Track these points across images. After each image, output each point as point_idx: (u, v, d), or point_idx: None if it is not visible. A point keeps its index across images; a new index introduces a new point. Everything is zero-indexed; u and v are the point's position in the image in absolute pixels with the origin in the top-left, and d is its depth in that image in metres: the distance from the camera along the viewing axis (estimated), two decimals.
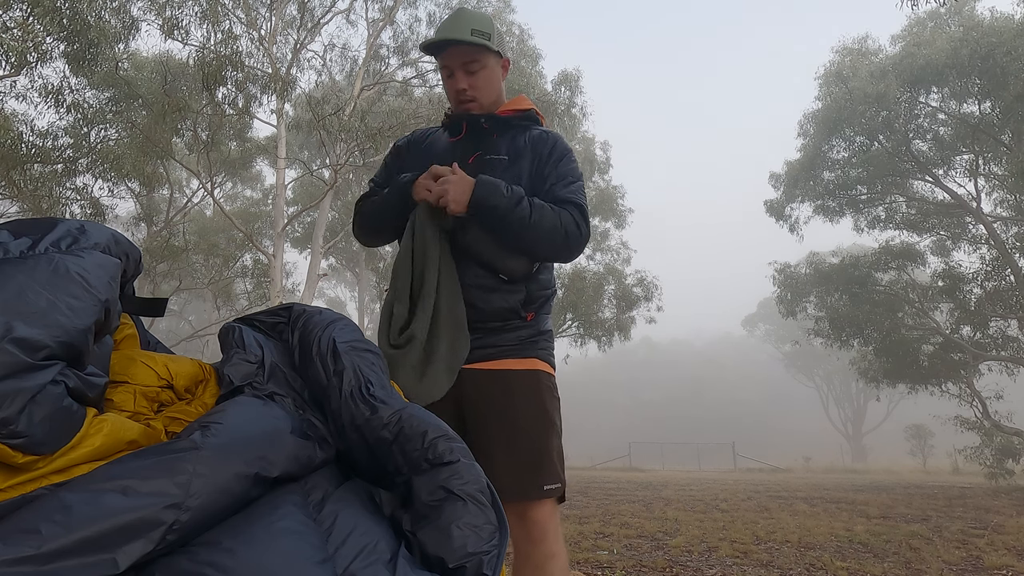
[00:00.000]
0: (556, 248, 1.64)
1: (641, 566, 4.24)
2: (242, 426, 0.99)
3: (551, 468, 1.58)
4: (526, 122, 1.80)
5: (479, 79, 1.74)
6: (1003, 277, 13.28)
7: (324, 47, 20.09)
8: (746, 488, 12.30)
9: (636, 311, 17.56)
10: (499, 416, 1.58)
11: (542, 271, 1.73)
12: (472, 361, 1.62)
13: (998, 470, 13.10)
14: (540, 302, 1.70)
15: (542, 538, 1.55)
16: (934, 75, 13.49)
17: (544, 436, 1.60)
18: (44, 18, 8.13)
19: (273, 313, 1.41)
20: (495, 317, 1.63)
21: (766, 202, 17.56)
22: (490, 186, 1.58)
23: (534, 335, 1.68)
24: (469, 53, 1.72)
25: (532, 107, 1.83)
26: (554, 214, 1.62)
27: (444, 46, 1.73)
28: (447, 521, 0.97)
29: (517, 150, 1.74)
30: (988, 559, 4.51)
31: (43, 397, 0.80)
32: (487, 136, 1.76)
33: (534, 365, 1.65)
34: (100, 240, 1.03)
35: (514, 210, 1.57)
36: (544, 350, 1.69)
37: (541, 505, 1.56)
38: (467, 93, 1.74)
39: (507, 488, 1.51)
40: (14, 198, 10.51)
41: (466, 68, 1.73)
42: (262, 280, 15.37)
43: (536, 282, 1.69)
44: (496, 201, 1.57)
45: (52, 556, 0.70)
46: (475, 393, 1.60)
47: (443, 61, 1.77)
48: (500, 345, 1.63)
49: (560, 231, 1.61)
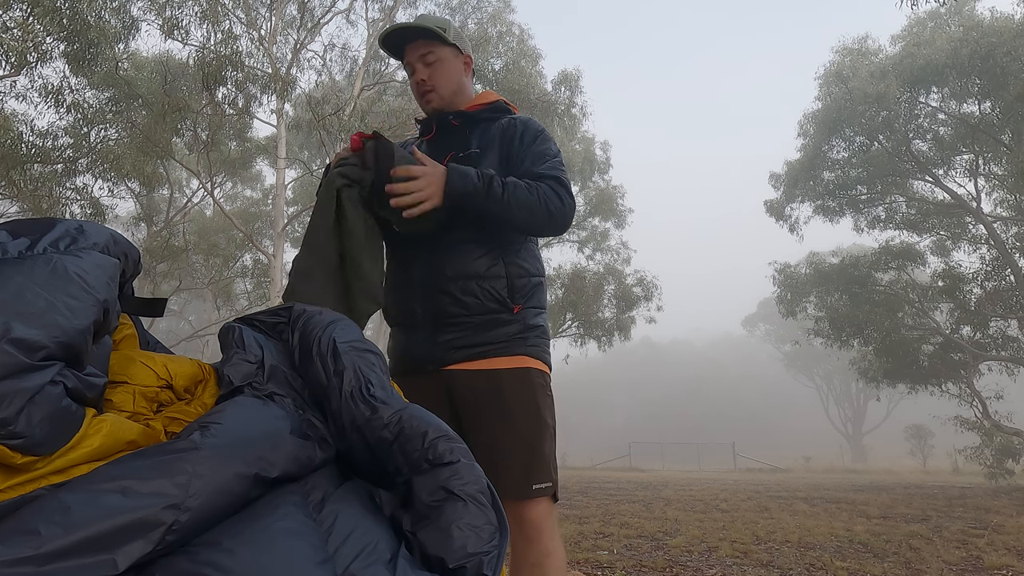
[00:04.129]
0: (540, 222, 1.62)
1: (641, 566, 4.24)
2: (242, 426, 0.99)
3: (543, 468, 1.58)
4: (495, 114, 1.81)
5: (435, 70, 1.77)
6: (1003, 277, 13.29)
7: (324, 47, 20.14)
8: (746, 488, 12.30)
9: (636, 311, 17.57)
10: (491, 416, 1.58)
11: (523, 255, 1.71)
12: (461, 360, 1.61)
13: (998, 470, 13.11)
14: (526, 292, 1.68)
15: (536, 537, 1.55)
16: (934, 75, 13.50)
17: (536, 436, 1.60)
18: (44, 18, 8.13)
19: (273, 313, 1.41)
20: (479, 310, 1.62)
21: (766, 202, 17.58)
22: (460, 173, 1.57)
23: (522, 331, 1.65)
24: (424, 45, 1.76)
25: (499, 99, 1.84)
26: (528, 188, 1.61)
27: (401, 40, 1.78)
28: (447, 521, 0.97)
29: (488, 142, 1.75)
30: (988, 559, 4.51)
31: (42, 398, 0.79)
32: (458, 133, 1.78)
33: (524, 363, 1.64)
34: (99, 240, 1.03)
35: (488, 192, 1.56)
36: (535, 347, 1.67)
37: (535, 504, 1.56)
38: (426, 84, 1.77)
39: (498, 487, 1.53)
40: (14, 198, 10.52)
41: (423, 60, 1.77)
42: (262, 280, 15.39)
43: (517, 267, 1.68)
44: (468, 187, 1.56)
45: (51, 557, 0.70)
46: (468, 393, 1.60)
47: (404, 59, 1.81)
48: (489, 343, 1.62)
49: (540, 205, 1.61)
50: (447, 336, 1.63)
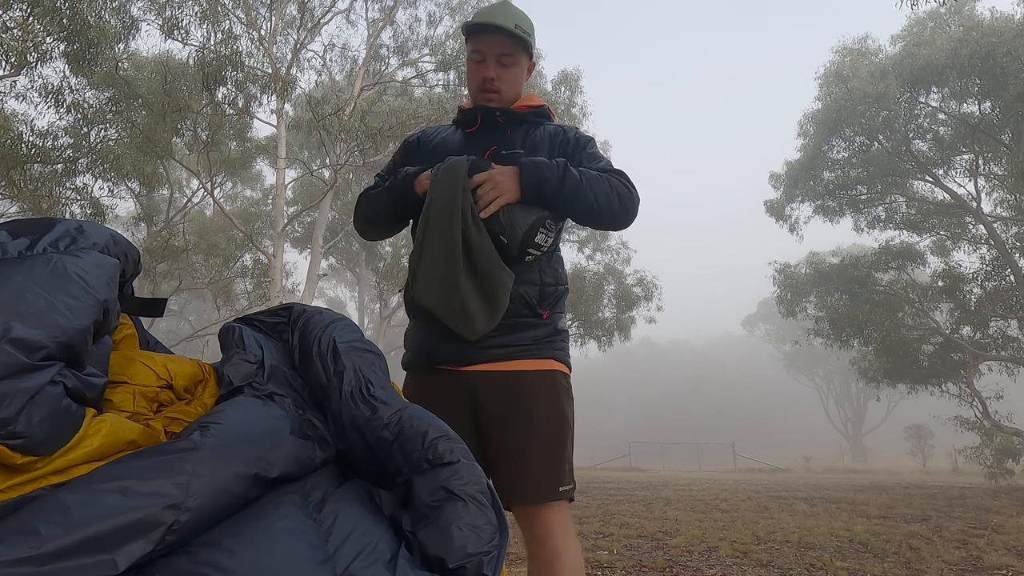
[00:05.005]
0: (613, 208, 1.62)
1: (641, 566, 4.24)
2: (241, 426, 0.99)
3: (565, 471, 1.58)
4: (539, 118, 1.80)
5: (508, 73, 1.74)
6: (1003, 277, 13.28)
7: (324, 47, 20.13)
8: (746, 488, 12.30)
9: (636, 311, 17.56)
10: (515, 419, 1.56)
11: (553, 263, 1.70)
12: (485, 361, 1.59)
13: (998, 470, 13.10)
14: (553, 299, 1.68)
15: (548, 536, 1.54)
16: (934, 75, 13.49)
17: (559, 439, 1.59)
18: (44, 18, 8.13)
19: (273, 313, 1.41)
20: (510, 313, 1.60)
21: (766, 202, 17.57)
22: (531, 164, 1.57)
23: (550, 334, 1.65)
24: (507, 45, 1.71)
25: (544, 104, 1.83)
26: (600, 177, 1.62)
27: (487, 30, 1.72)
28: (447, 521, 0.97)
29: (533, 144, 1.73)
30: (988, 559, 4.51)
31: (42, 398, 0.79)
32: (501, 130, 1.75)
33: (551, 365, 1.63)
34: (98, 240, 1.03)
35: (564, 176, 1.56)
36: (560, 350, 1.67)
37: (549, 505, 1.56)
38: (494, 83, 1.73)
39: (522, 491, 1.53)
40: (14, 198, 10.51)
41: (499, 59, 1.73)
42: (262, 280, 15.38)
43: (549, 275, 1.67)
44: (546, 175, 1.56)
45: (51, 557, 0.70)
46: (490, 395, 1.58)
47: (478, 45, 1.74)
48: (515, 345, 1.60)
49: (612, 192, 1.61)
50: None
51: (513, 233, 1.55)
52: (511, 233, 1.55)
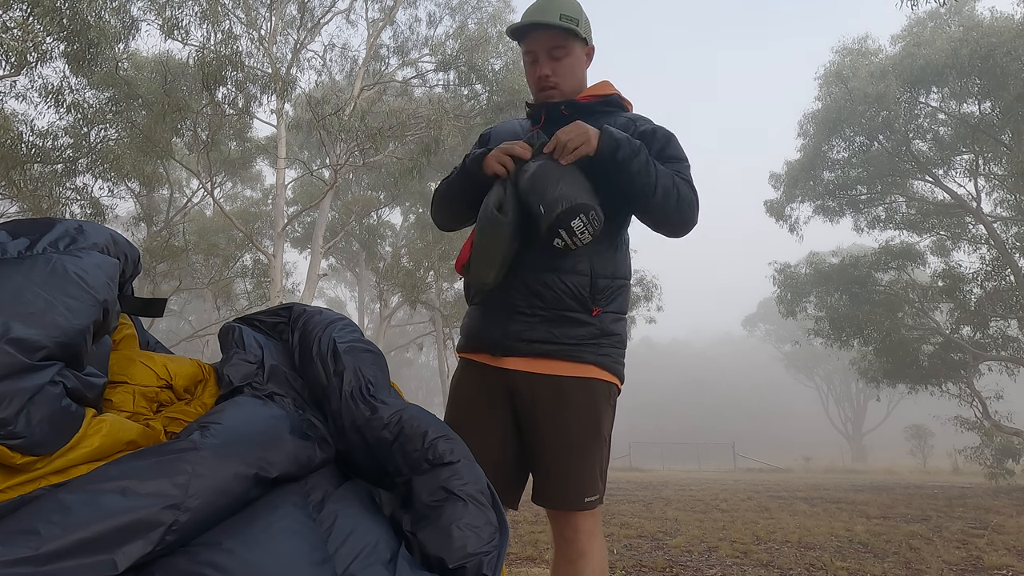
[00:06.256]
0: (669, 207, 1.54)
1: (641, 566, 4.24)
2: (241, 426, 0.99)
3: (594, 481, 1.58)
4: (609, 108, 1.73)
5: (563, 66, 1.68)
6: (1003, 277, 13.27)
7: (324, 47, 20.14)
8: (746, 488, 12.29)
9: (636, 311, 17.56)
10: (550, 426, 1.55)
11: (610, 253, 1.61)
12: (524, 354, 1.56)
13: (998, 470, 13.10)
14: (608, 295, 1.59)
15: (574, 537, 1.56)
16: (934, 75, 13.48)
17: (592, 451, 1.57)
18: (44, 18, 8.12)
19: (273, 313, 1.41)
20: (554, 304, 1.54)
21: (766, 202, 17.56)
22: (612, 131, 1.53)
23: (597, 335, 1.56)
24: (555, 38, 1.66)
25: (615, 92, 1.75)
26: (667, 172, 1.54)
27: (529, 30, 1.67)
28: (447, 521, 0.97)
29: None
30: (988, 559, 4.50)
31: (41, 398, 0.79)
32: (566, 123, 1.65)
33: (591, 373, 1.56)
34: (98, 240, 1.03)
35: (638, 153, 1.51)
36: (606, 355, 1.58)
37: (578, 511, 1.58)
38: (549, 80, 1.68)
39: (550, 496, 1.56)
40: (14, 198, 10.51)
41: (551, 54, 1.67)
42: (262, 280, 15.38)
43: (603, 266, 1.58)
44: (622, 142, 1.50)
45: (51, 557, 0.70)
46: (529, 396, 1.57)
47: (528, 46, 1.70)
48: (556, 342, 1.54)
49: (673, 189, 1.53)
50: (516, 326, 1.57)
51: (553, 203, 1.43)
52: (550, 203, 1.43)
